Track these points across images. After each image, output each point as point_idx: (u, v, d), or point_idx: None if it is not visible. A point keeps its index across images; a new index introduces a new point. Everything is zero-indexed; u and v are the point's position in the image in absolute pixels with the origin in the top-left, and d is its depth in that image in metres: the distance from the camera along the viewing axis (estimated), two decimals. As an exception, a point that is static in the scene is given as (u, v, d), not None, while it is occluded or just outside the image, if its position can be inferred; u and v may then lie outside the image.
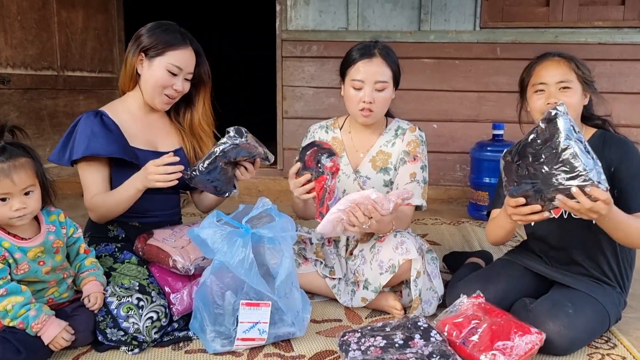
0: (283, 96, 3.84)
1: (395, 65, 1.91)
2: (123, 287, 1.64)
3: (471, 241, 2.83)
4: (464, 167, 3.75)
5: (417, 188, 1.94)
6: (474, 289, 1.73)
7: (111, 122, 1.82)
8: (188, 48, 1.84)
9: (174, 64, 1.80)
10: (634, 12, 3.50)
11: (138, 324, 1.56)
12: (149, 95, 1.84)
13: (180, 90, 1.85)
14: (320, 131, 2.08)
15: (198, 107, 1.97)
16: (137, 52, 1.82)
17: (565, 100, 1.65)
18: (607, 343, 1.68)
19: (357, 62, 1.87)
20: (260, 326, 1.58)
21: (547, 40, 3.55)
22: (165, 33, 1.82)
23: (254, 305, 1.57)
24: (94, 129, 1.77)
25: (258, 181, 3.95)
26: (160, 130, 1.94)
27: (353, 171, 2.01)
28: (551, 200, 1.42)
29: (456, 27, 3.66)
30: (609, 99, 3.60)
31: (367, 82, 1.86)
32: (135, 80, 1.87)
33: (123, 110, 1.88)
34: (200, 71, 1.91)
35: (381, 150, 2.00)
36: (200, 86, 1.95)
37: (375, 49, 1.88)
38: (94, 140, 1.76)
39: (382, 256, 1.81)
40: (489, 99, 3.69)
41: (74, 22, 3.65)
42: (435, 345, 1.50)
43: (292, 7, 3.75)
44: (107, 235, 1.87)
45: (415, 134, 1.99)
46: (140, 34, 1.84)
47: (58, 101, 3.62)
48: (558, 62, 1.70)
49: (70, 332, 1.52)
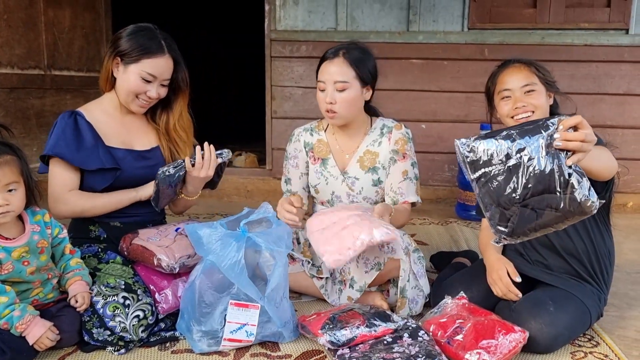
0: (272, 96, 3.84)
1: (362, 65, 1.88)
2: (109, 287, 1.63)
3: (458, 241, 2.85)
4: (452, 167, 3.77)
5: (410, 185, 1.97)
6: (458, 289, 1.75)
7: (85, 122, 1.82)
8: (165, 56, 1.82)
9: (148, 72, 1.79)
10: (619, 14, 3.54)
11: (125, 323, 1.56)
12: (123, 99, 1.85)
13: (155, 97, 1.84)
14: (305, 134, 2.08)
15: (175, 112, 1.95)
16: (112, 55, 1.81)
17: (532, 102, 1.71)
18: (590, 341, 1.70)
19: (322, 63, 1.91)
20: (248, 328, 1.58)
21: (534, 41, 3.59)
22: (144, 39, 1.80)
23: (242, 306, 1.57)
24: (66, 130, 1.79)
25: (247, 181, 3.94)
26: (137, 130, 1.94)
27: (341, 172, 2.01)
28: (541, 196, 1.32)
29: (444, 28, 3.68)
30: (594, 100, 3.69)
31: (327, 82, 1.87)
32: (112, 82, 1.87)
33: (99, 111, 1.89)
34: (178, 78, 1.90)
35: (368, 150, 2.01)
36: (178, 92, 1.93)
37: (342, 50, 1.88)
38: (63, 141, 1.77)
39: (367, 254, 1.81)
40: (477, 99, 3.70)
41: (61, 21, 3.62)
42: (422, 344, 1.51)
43: (281, 7, 3.76)
44: (88, 235, 1.87)
45: (401, 131, 2.00)
46: (119, 37, 1.82)
47: (45, 100, 3.59)
48: (519, 68, 1.76)
49: (55, 332, 1.51)
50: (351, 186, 2.00)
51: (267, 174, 3.96)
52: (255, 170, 4.13)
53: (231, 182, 3.92)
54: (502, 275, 1.71)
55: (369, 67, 1.91)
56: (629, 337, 1.76)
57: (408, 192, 1.96)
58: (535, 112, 1.72)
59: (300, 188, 2.06)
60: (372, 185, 1.99)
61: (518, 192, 1.31)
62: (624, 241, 2.85)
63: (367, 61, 1.91)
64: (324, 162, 2.03)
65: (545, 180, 1.28)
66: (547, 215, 1.31)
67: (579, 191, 1.26)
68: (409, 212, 1.99)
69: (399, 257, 1.76)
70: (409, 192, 1.96)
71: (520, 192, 1.30)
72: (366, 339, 1.56)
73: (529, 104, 1.71)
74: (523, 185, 1.30)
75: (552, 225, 1.34)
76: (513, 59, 1.81)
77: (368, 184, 1.99)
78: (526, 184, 1.29)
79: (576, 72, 3.59)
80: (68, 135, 1.78)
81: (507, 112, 1.74)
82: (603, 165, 1.47)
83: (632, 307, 2.00)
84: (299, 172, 2.07)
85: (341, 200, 2.03)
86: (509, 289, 1.69)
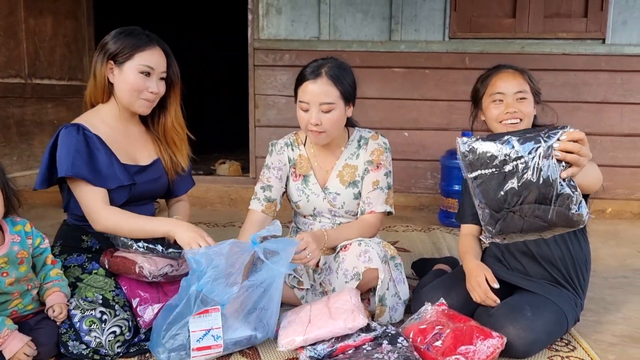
0: (255, 104, 3.85)
1: (345, 84, 1.84)
2: (87, 300, 1.62)
3: (441, 248, 2.88)
4: (435, 174, 3.81)
5: (380, 195, 1.96)
6: (437, 295, 1.77)
7: (95, 138, 1.77)
8: (156, 48, 1.80)
9: (145, 64, 1.76)
10: (595, 24, 3.62)
11: (100, 338, 1.55)
12: (127, 101, 1.80)
13: (157, 92, 1.81)
14: (287, 149, 2.04)
15: (170, 110, 1.93)
16: (104, 60, 1.78)
17: (522, 110, 1.74)
18: (567, 346, 1.73)
19: (303, 82, 1.83)
20: (214, 332, 1.55)
21: (513, 50, 3.65)
22: (130, 37, 1.78)
23: (202, 312, 1.55)
24: (79, 148, 1.71)
25: (231, 189, 3.94)
26: (138, 142, 1.91)
27: (322, 189, 2.00)
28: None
29: (426, 37, 3.73)
30: (573, 109, 3.76)
31: (312, 103, 1.81)
32: (109, 91, 1.82)
33: (101, 123, 1.82)
34: (170, 72, 1.87)
35: (347, 163, 2.00)
36: (171, 87, 1.90)
37: (323, 69, 1.82)
38: (80, 160, 1.70)
39: (346, 264, 1.82)
40: (458, 107, 3.76)
41: (42, 30, 3.60)
42: (401, 351, 1.52)
43: (264, 16, 3.78)
44: (80, 245, 1.84)
45: (377, 141, 2.00)
46: (105, 42, 1.80)
47: (25, 109, 3.56)
48: (514, 74, 1.79)
49: (33, 348, 1.50)
50: (332, 202, 1.99)
51: (250, 182, 3.96)
52: (238, 179, 4.13)
53: (215, 190, 3.92)
54: (481, 281, 1.73)
55: (350, 84, 1.88)
56: (605, 341, 1.79)
57: (376, 202, 1.95)
58: (523, 120, 1.75)
59: (278, 197, 2.04)
60: (353, 199, 1.99)
61: (508, 198, 1.33)
62: (601, 247, 2.90)
63: (348, 78, 1.87)
64: (305, 179, 2.01)
65: (538, 191, 1.29)
66: (533, 224, 1.33)
67: (571, 205, 1.28)
68: (372, 224, 1.95)
69: (376, 267, 1.78)
70: (377, 202, 1.95)
71: (510, 198, 1.32)
72: (347, 348, 1.56)
73: (519, 110, 1.74)
74: (515, 193, 1.31)
75: (538, 233, 1.37)
76: (506, 65, 1.83)
77: (349, 198, 1.99)
78: (518, 191, 1.31)
79: (555, 81, 3.66)
80: (83, 154, 1.71)
81: (497, 116, 1.77)
82: (592, 181, 1.52)
83: (609, 312, 2.04)
84: (280, 184, 2.03)
85: (323, 215, 2.03)
86: (487, 295, 1.71)
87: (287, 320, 1.70)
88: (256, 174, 3.92)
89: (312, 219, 2.05)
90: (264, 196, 2.00)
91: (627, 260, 2.71)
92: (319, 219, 2.04)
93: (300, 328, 1.62)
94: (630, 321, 1.96)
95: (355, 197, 1.99)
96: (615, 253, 2.83)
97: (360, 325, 1.59)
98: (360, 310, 1.63)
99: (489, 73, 1.84)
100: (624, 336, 1.83)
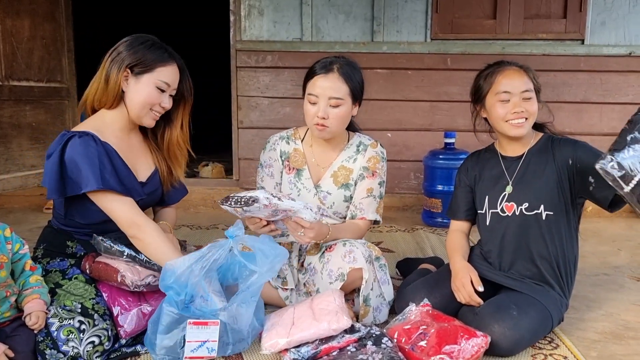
0: (238, 106, 3.83)
1: (354, 81, 1.87)
2: (65, 309, 1.57)
3: (424, 248, 2.88)
4: (418, 175, 3.82)
5: (372, 203, 1.97)
6: (420, 294, 1.77)
7: (112, 150, 1.72)
8: (174, 64, 1.78)
9: (163, 81, 1.74)
10: (574, 25, 3.67)
11: (78, 348, 1.51)
12: (136, 113, 1.76)
13: (167, 107, 1.79)
14: (282, 142, 2.04)
15: (177, 124, 1.89)
16: (122, 68, 1.72)
17: (528, 109, 1.74)
18: (550, 344, 1.74)
19: (314, 76, 1.86)
20: (209, 345, 1.55)
21: (494, 51, 3.67)
22: (151, 49, 1.74)
23: (202, 324, 1.54)
24: (103, 160, 1.66)
25: (214, 192, 3.91)
26: (138, 152, 1.86)
27: (314, 186, 2.00)
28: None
29: (408, 38, 3.75)
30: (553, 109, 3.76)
31: (321, 97, 1.84)
32: (120, 98, 1.76)
33: (109, 133, 1.77)
34: (183, 87, 1.84)
35: (343, 165, 2.00)
36: (181, 102, 1.87)
37: (335, 65, 1.86)
38: (107, 173, 1.65)
39: (331, 265, 1.82)
40: (441, 108, 3.78)
41: (19, 31, 3.53)
42: (386, 351, 1.52)
43: (246, 18, 3.76)
44: (64, 251, 1.79)
45: (376, 150, 2.00)
46: (120, 50, 1.74)
47: (3, 112, 3.48)
48: (519, 72, 1.77)
49: (10, 355, 1.46)
50: (323, 200, 1.99)
51: (234, 184, 3.94)
52: (222, 181, 4.10)
53: (198, 192, 3.89)
54: (465, 283, 1.73)
55: (360, 83, 1.90)
56: (587, 338, 1.81)
57: (367, 210, 1.97)
58: (528, 118, 1.75)
59: None
60: (343, 201, 1.99)
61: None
62: (583, 244, 2.90)
63: (357, 76, 1.90)
64: (299, 172, 2.01)
65: None
66: None
67: None
68: (362, 229, 1.98)
69: (360, 267, 1.77)
70: (369, 209, 1.96)
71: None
72: (331, 350, 1.55)
73: (525, 110, 1.73)
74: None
75: None
76: (508, 61, 1.81)
77: (339, 200, 1.99)
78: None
79: (535, 81, 3.69)
80: (107, 165, 1.67)
81: (504, 115, 1.76)
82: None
83: (591, 309, 2.06)
84: (273, 182, 2.03)
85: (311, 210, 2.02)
86: (471, 297, 1.72)
87: (270, 323, 1.69)
88: (240, 175, 3.90)
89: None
90: None
91: (608, 258, 2.75)
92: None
93: (283, 330, 1.61)
94: (612, 318, 1.98)
95: (345, 199, 1.99)
96: (596, 251, 2.86)
97: (344, 326, 1.58)
98: (344, 312, 1.62)
99: (492, 70, 1.80)
100: (605, 333, 1.85)
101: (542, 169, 1.77)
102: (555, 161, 1.76)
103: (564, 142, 1.79)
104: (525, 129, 1.77)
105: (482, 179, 1.90)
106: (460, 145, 3.40)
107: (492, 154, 1.91)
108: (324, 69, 1.85)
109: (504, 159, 1.87)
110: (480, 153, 1.98)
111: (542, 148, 1.81)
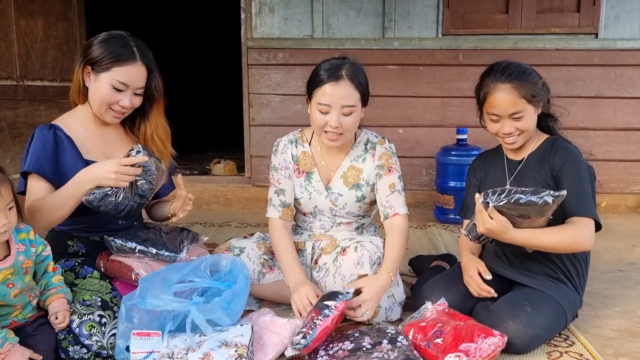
0: (250, 103, 3.84)
1: (363, 85, 1.83)
2: (84, 305, 1.60)
3: (437, 244, 2.88)
4: (430, 171, 3.81)
5: (399, 197, 1.94)
6: (437, 291, 1.78)
7: (64, 136, 1.77)
8: (137, 64, 1.76)
9: (120, 81, 1.73)
10: (588, 19, 3.63)
11: (102, 342, 1.54)
12: (96, 109, 1.79)
13: (129, 107, 1.79)
14: (292, 147, 2.02)
15: (151, 121, 1.90)
16: (82, 64, 1.76)
17: (520, 127, 1.75)
18: (566, 341, 1.74)
19: (323, 84, 1.79)
20: (155, 355, 1.54)
21: (506, 46, 3.65)
22: (115, 46, 1.74)
23: (144, 334, 1.54)
24: (46, 145, 1.73)
25: (226, 189, 3.93)
26: (115, 143, 1.89)
27: (325, 188, 1.99)
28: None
29: (419, 34, 3.73)
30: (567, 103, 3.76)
31: (333, 106, 1.79)
32: (84, 93, 1.80)
33: (76, 123, 1.82)
34: (151, 86, 1.83)
35: (352, 165, 1.99)
36: (153, 101, 1.88)
37: (343, 70, 1.79)
38: (44, 157, 1.71)
39: (344, 270, 1.83)
40: (452, 104, 3.76)
41: (33, 31, 3.57)
42: (401, 350, 1.52)
43: (257, 15, 3.76)
44: (66, 251, 1.82)
45: (385, 146, 1.99)
46: (90, 45, 1.77)
47: (18, 111, 3.53)
48: (508, 93, 1.70)
49: (38, 359, 1.47)
50: (334, 202, 1.99)
51: (246, 181, 3.95)
52: (234, 178, 4.12)
53: (210, 190, 3.91)
54: (473, 274, 1.75)
55: (366, 85, 1.86)
56: (603, 335, 1.80)
57: (397, 204, 1.92)
58: (522, 134, 1.76)
59: (292, 199, 2.01)
60: (355, 201, 1.99)
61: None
62: (597, 241, 2.84)
63: (363, 79, 1.85)
64: (309, 175, 2.00)
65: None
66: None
67: None
68: (404, 230, 1.90)
69: (366, 272, 1.78)
70: (398, 203, 1.92)
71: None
72: (328, 329, 1.55)
73: (516, 129, 1.74)
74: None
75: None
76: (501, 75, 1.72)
77: (351, 200, 1.98)
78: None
79: (548, 76, 3.60)
80: (49, 151, 1.72)
81: (495, 131, 1.79)
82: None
83: (606, 306, 2.05)
84: (292, 183, 2.01)
85: (323, 214, 2.03)
86: (480, 287, 1.72)
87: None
88: (252, 173, 3.91)
89: (312, 217, 2.05)
90: (279, 201, 1.99)
91: (623, 254, 2.73)
92: (319, 217, 2.04)
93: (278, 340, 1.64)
94: (628, 315, 1.97)
95: (357, 199, 1.99)
96: (610, 247, 2.84)
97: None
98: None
99: (485, 85, 1.76)
100: (621, 330, 1.84)
101: (537, 173, 1.79)
102: (550, 167, 1.77)
103: (560, 150, 1.77)
104: (520, 142, 1.78)
105: (487, 180, 1.92)
106: (472, 142, 3.39)
107: (498, 155, 1.93)
108: (332, 76, 1.79)
109: (508, 161, 1.89)
110: (487, 154, 2.00)
111: (542, 152, 1.81)
